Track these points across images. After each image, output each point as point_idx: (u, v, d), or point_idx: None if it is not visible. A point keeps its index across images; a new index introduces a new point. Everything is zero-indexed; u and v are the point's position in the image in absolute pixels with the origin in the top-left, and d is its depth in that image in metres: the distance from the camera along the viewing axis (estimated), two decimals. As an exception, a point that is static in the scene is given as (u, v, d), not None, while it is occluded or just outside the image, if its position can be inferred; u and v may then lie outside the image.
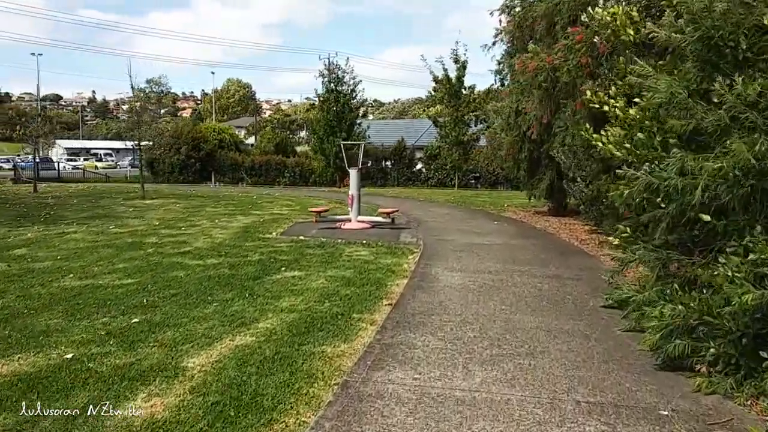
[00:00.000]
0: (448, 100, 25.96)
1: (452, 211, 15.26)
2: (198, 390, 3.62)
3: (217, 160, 40.91)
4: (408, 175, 36.43)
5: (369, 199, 18.59)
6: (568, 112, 11.12)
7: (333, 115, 27.87)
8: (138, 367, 4.00)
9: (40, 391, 3.62)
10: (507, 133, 14.28)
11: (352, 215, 11.22)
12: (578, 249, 9.23)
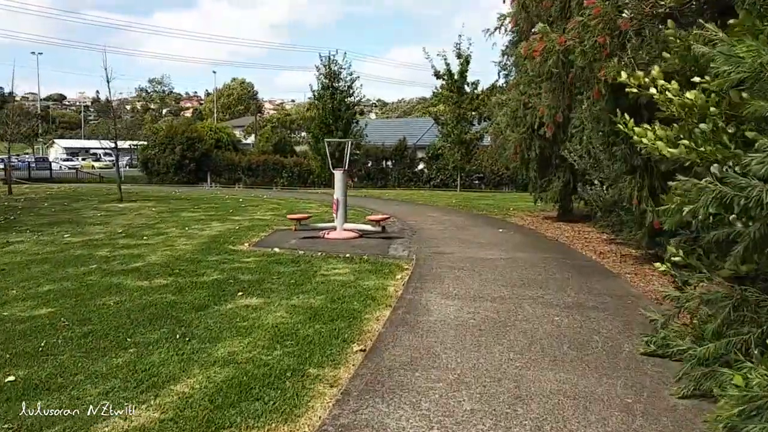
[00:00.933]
0: (449, 96, 24.58)
1: (453, 216, 13.89)
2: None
3: (212, 160, 39.70)
4: (409, 176, 35.14)
5: (364, 202, 17.22)
6: (585, 104, 9.75)
7: (328, 113, 26.52)
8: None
9: None
10: (513, 130, 12.90)
11: (338, 223, 9.87)
12: (598, 265, 7.85)
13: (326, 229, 9.92)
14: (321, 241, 9.41)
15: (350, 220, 11.36)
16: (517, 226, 12.07)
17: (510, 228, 11.75)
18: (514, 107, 12.65)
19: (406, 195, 21.14)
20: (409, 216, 13.55)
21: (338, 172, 9.92)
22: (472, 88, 24.75)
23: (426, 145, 35.40)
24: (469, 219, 13.18)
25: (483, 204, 17.28)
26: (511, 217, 13.90)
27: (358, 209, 14.99)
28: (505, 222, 12.92)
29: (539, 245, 9.40)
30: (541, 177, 13.11)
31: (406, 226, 11.58)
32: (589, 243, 9.78)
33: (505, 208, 15.84)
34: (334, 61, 27.26)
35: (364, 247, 8.84)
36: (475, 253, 8.48)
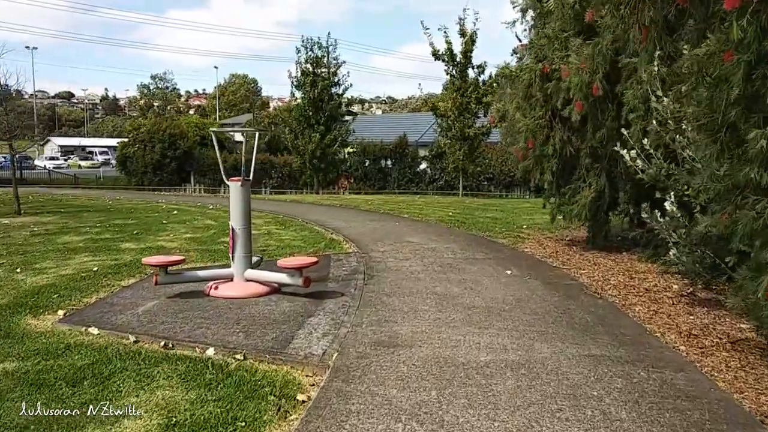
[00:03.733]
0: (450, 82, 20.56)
1: (442, 242, 9.87)
2: None
3: (196, 159, 36.00)
4: (410, 177, 31.30)
5: (333, 214, 13.24)
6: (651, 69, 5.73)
7: (308, 104, 22.64)
8: None
9: None
10: (525, 113, 8.88)
11: (235, 269, 5.90)
12: (706, 380, 3.83)
13: (217, 280, 5.95)
14: (198, 304, 5.46)
15: (299, 248, 7.52)
16: (534, 262, 8.04)
17: (523, 264, 7.72)
18: (526, 79, 8.63)
19: (394, 203, 17.12)
20: (380, 241, 9.56)
21: (234, 184, 5.95)
22: (477, 72, 20.71)
23: (429, 143, 31.61)
24: (464, 247, 9.15)
25: (488, 218, 13.24)
26: (524, 241, 9.87)
27: (315, 228, 11.03)
28: (516, 251, 8.89)
29: (576, 316, 5.33)
30: (563, 183, 9.06)
31: (366, 263, 7.59)
32: (659, 304, 5.74)
33: (515, 225, 11.81)
34: (317, 44, 23.35)
35: (260, 321, 4.88)
36: (461, 339, 4.48)
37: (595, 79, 7.21)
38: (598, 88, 7.15)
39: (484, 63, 20.78)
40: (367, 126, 41.77)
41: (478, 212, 14.52)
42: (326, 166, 23.85)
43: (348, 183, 32.32)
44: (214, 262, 7.55)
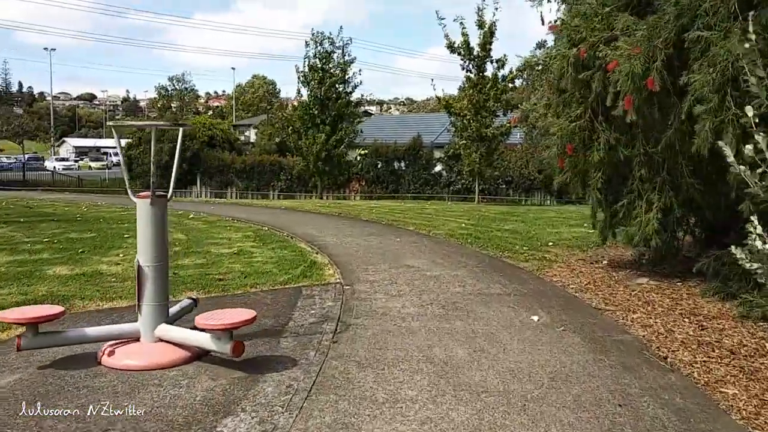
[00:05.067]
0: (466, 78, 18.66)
1: (449, 265, 8.02)
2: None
3: (203, 160, 34.59)
4: (425, 179, 29.54)
5: (328, 225, 11.41)
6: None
7: (314, 102, 20.87)
8: None
9: None
10: (557, 112, 7.01)
11: (142, 323, 4.11)
12: None
13: (119, 340, 4.16)
14: (75, 382, 3.68)
15: (266, 277, 5.81)
16: (567, 299, 6.14)
17: (553, 303, 5.84)
18: (557, 69, 6.74)
19: (400, 212, 15.26)
20: (373, 266, 7.73)
21: (142, 203, 4.15)
22: (497, 66, 18.77)
23: (445, 144, 29.83)
24: (478, 274, 7.28)
25: (506, 231, 11.34)
26: (552, 264, 7.98)
27: (300, 245, 9.23)
28: (542, 281, 7.01)
29: (643, 412, 3.36)
30: (611, 198, 7.16)
31: (345, 302, 5.77)
32: (762, 386, 3.85)
33: (539, 242, 9.91)
34: (327, 39, 21.56)
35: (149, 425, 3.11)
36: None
37: (652, 69, 5.32)
38: (655, 81, 5.26)
39: (504, 57, 18.88)
40: (380, 126, 40.04)
41: (495, 224, 12.62)
42: (331, 169, 22.10)
43: (359, 186, 30.61)
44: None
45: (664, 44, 5.10)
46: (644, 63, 5.40)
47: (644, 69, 5.41)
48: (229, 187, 35.08)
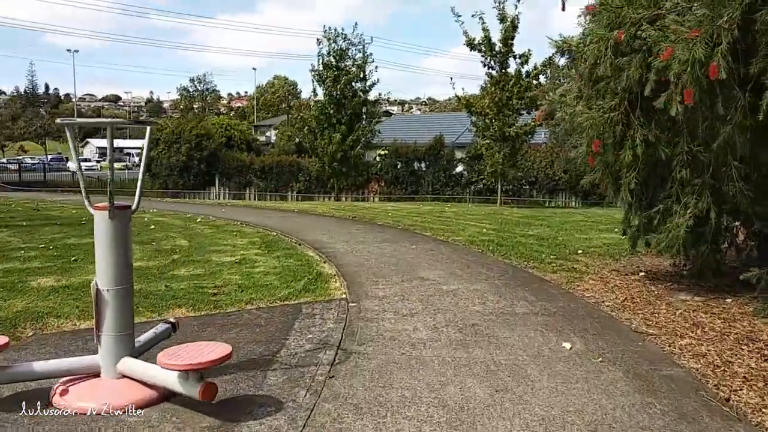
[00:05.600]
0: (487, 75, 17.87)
1: (468, 277, 7.31)
2: None
3: (221, 161, 34.23)
4: (445, 180, 28.77)
5: (340, 231, 10.72)
6: None
7: (330, 101, 20.24)
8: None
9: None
10: (589, 103, 6.25)
11: (102, 356, 3.48)
12: None
13: (75, 375, 3.54)
14: (17, 427, 3.08)
15: (266, 291, 5.21)
16: (604, 320, 5.38)
17: (588, 326, 5.09)
18: (592, 54, 5.97)
19: (418, 215, 14.54)
20: (384, 278, 7.05)
21: (100, 215, 3.53)
22: (520, 62, 17.96)
23: (467, 144, 29.07)
24: (500, 288, 6.55)
25: (531, 237, 10.57)
26: (583, 277, 7.21)
27: (308, 253, 8.58)
28: (573, 297, 6.25)
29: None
30: (646, 202, 6.38)
31: (348, 323, 5.09)
32: None
33: (568, 250, 9.14)
34: (341, 35, 20.92)
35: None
36: None
37: (716, 54, 4.53)
38: (720, 68, 4.47)
39: (528, 51, 18.03)
40: (400, 126, 39.35)
41: (519, 228, 11.85)
42: (348, 170, 21.44)
43: (378, 187, 29.97)
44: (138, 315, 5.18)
45: (729, 24, 4.33)
46: (707, 48, 4.63)
47: (706, 56, 4.63)
48: (248, 188, 34.65)
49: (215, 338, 4.44)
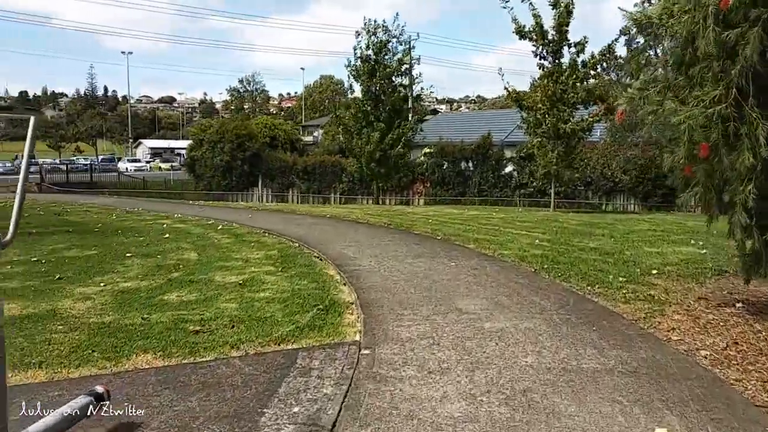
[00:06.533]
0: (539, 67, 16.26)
1: (518, 309, 5.90)
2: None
3: (264, 161, 33.55)
4: (493, 181, 27.16)
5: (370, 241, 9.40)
6: None
7: (367, 97, 18.98)
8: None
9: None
10: (682, 95, 4.75)
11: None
12: None
13: None
14: None
15: (263, 325, 3.98)
16: (704, 382, 3.89)
17: (686, 396, 3.64)
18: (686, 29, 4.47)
19: (462, 221, 13.09)
20: (411, 308, 5.71)
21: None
22: (576, 51, 16.28)
23: (517, 142, 27.39)
24: (559, 327, 5.12)
25: (592, 250, 9.02)
26: (664, 308, 5.69)
27: (327, 272, 7.33)
28: (655, 341, 4.75)
29: None
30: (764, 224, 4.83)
31: (355, 383, 3.79)
32: None
33: (638, 267, 7.59)
34: (381, 27, 19.63)
35: None
36: None
37: None
38: None
39: (584, 39, 16.31)
40: (447, 124, 37.82)
41: (577, 239, 10.29)
42: (388, 171, 20.14)
43: (424, 188, 28.63)
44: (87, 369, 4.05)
45: None
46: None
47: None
48: (291, 189, 33.89)
49: (165, 408, 3.23)
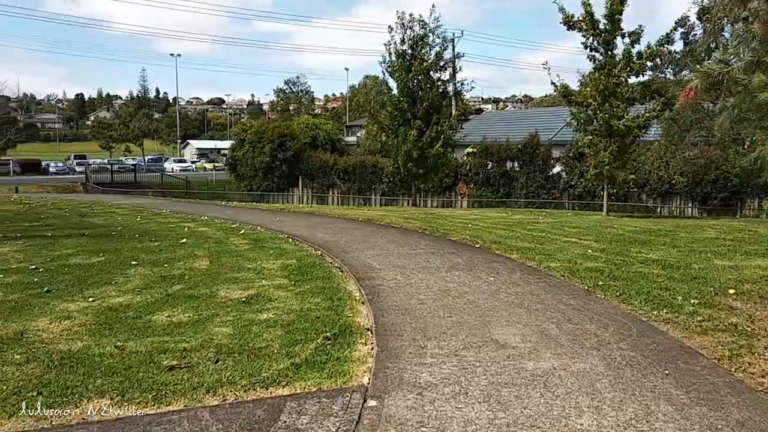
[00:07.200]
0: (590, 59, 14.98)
1: (569, 342, 4.86)
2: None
3: (304, 161, 33.11)
4: (541, 182, 25.85)
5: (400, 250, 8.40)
6: None
7: (403, 94, 18.01)
8: None
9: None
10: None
11: None
12: None
13: None
14: None
15: (256, 358, 3.04)
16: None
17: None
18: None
19: (505, 227, 11.96)
20: (436, 339, 4.73)
21: None
22: (630, 41, 14.92)
23: (566, 141, 25.97)
24: (623, 372, 4.06)
25: (653, 262, 7.83)
26: (752, 343, 4.56)
27: (347, 287, 6.41)
28: (750, 395, 3.66)
29: None
30: None
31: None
32: None
33: (710, 285, 6.41)
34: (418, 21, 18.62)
35: None
36: None
37: None
38: None
39: (639, 27, 14.93)
40: (491, 123, 36.58)
41: (635, 249, 9.09)
42: (426, 171, 19.15)
43: (467, 189, 27.53)
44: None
45: None
46: None
47: None
48: (331, 189, 33.32)
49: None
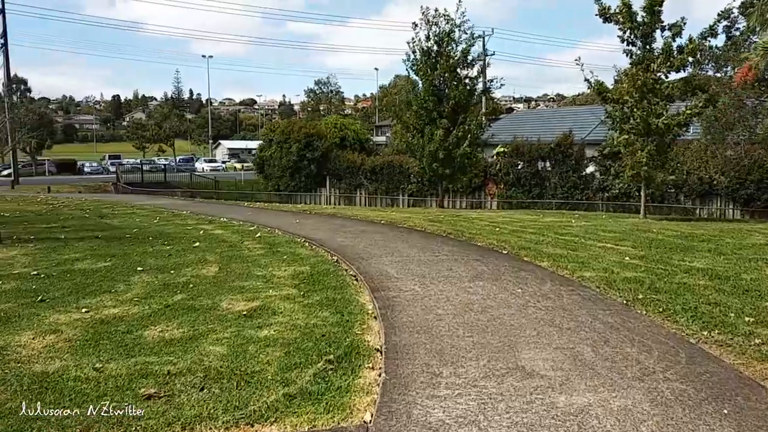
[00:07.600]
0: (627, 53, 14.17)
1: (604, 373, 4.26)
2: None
3: (332, 161, 32.82)
4: (574, 182, 25.00)
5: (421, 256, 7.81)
6: None
7: (429, 92, 17.41)
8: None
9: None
10: None
11: None
12: None
13: None
14: None
15: (260, 372, 2.48)
16: None
17: None
18: None
19: (535, 230, 11.27)
20: (454, 364, 4.16)
21: None
22: (671, 35, 14.07)
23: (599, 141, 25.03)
24: (673, 413, 3.45)
25: (699, 272, 7.11)
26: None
27: (360, 299, 5.88)
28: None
29: None
30: None
31: None
32: None
33: (765, 300, 5.72)
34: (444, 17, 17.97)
35: None
36: None
37: None
38: None
39: (682, 20, 14.08)
40: (522, 122, 35.68)
41: (677, 256, 8.36)
42: (453, 172, 18.54)
43: (497, 189, 26.82)
44: None
45: None
46: None
47: None
48: (358, 189, 32.96)
49: None
